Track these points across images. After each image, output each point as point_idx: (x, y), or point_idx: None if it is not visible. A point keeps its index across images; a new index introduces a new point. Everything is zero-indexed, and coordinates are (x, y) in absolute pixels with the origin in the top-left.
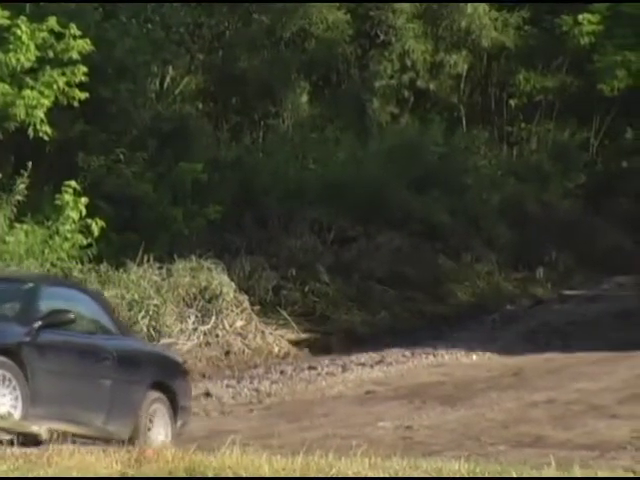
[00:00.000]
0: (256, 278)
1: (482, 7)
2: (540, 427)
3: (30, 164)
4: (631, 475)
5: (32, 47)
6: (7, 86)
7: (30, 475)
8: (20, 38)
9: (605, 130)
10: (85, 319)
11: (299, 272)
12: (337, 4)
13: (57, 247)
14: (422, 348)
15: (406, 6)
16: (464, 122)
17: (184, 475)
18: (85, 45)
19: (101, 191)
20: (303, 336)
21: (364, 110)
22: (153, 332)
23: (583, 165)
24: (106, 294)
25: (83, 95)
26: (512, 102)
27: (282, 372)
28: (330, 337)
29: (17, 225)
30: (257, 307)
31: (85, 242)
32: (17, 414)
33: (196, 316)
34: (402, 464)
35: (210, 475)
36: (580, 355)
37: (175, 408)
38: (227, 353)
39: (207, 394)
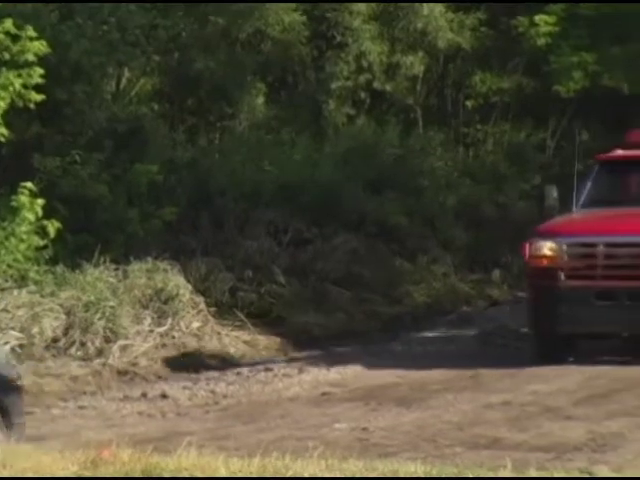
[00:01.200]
0: (212, 280)
1: (438, 9)
2: (496, 429)
3: None
4: (587, 476)
5: None
6: None
7: None
8: None
9: (561, 131)
10: None
11: (255, 274)
12: (293, 5)
13: (13, 248)
14: (378, 349)
15: (362, 7)
16: (420, 123)
17: (140, 476)
18: (41, 47)
19: (57, 192)
20: (259, 337)
21: (320, 112)
22: (109, 334)
23: (539, 166)
24: (62, 296)
25: (39, 97)
26: (468, 103)
27: (238, 373)
28: (286, 338)
29: None
30: (213, 308)
31: (41, 243)
32: None
33: (152, 317)
34: (358, 466)
35: (166, 476)
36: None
37: (8, 425)
38: (183, 354)
39: (163, 396)
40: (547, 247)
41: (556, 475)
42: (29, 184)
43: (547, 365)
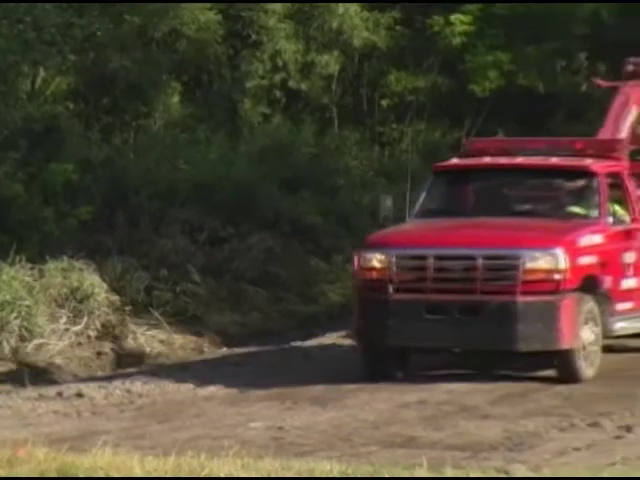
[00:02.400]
0: (127, 279)
1: (353, 8)
2: (412, 428)
3: None
4: (503, 475)
5: None
6: None
7: None
8: None
9: (476, 131)
10: None
11: (171, 273)
12: (208, 5)
13: None
14: (293, 348)
15: (278, 6)
16: (336, 122)
17: (56, 475)
18: None
19: None
20: (175, 336)
21: (235, 110)
22: (25, 333)
23: None
24: None
25: None
26: (383, 102)
27: (153, 373)
28: (202, 337)
29: None
30: (129, 307)
31: None
32: None
33: (68, 316)
34: (274, 465)
35: (82, 476)
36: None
37: None
38: (99, 353)
39: (79, 395)
40: (376, 259)
41: (472, 474)
42: None
43: (376, 381)
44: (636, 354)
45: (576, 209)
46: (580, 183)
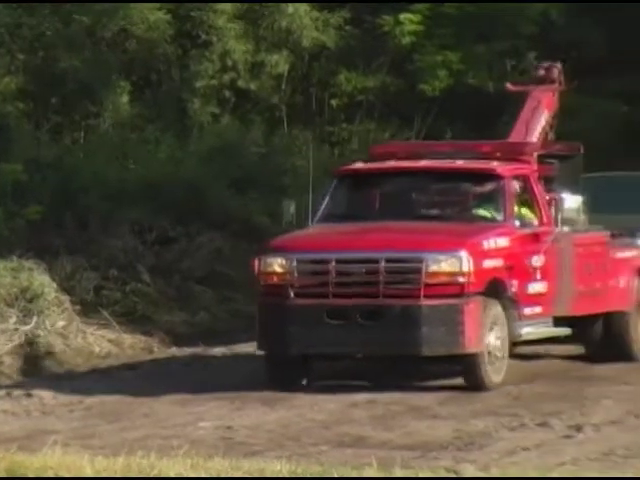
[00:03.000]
0: (77, 278)
1: (303, 7)
2: (361, 427)
3: None
4: (453, 475)
5: None
6: None
7: None
8: None
9: (426, 131)
10: None
11: (120, 272)
12: (158, 4)
13: None
14: (241, 348)
15: (227, 6)
16: (285, 122)
17: (5, 475)
18: None
19: None
20: (124, 336)
21: (185, 110)
22: None
23: None
24: None
25: None
26: (333, 102)
27: (103, 372)
28: (151, 337)
29: None
30: (78, 307)
31: None
32: None
33: (17, 316)
34: (224, 464)
35: (31, 476)
36: None
37: None
38: (48, 353)
39: (28, 394)
40: (277, 263)
41: (421, 474)
42: None
43: (279, 388)
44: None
45: (482, 212)
46: (486, 186)
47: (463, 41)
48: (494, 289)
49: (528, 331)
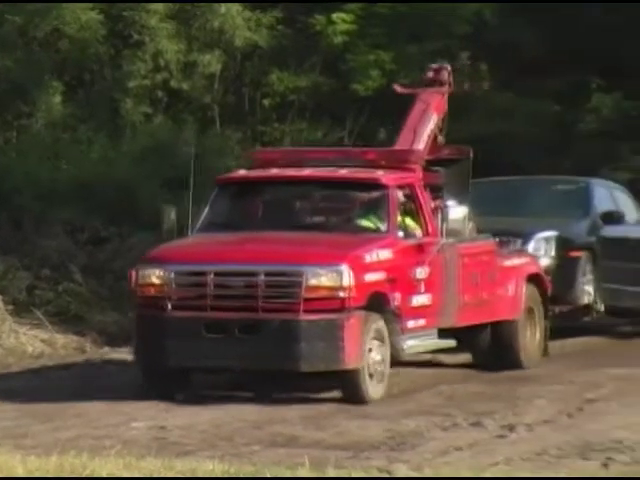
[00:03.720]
0: (10, 278)
1: (235, 7)
2: (293, 427)
3: None
4: (385, 475)
5: None
6: None
7: None
8: None
9: (358, 130)
10: None
11: (53, 272)
12: (90, 4)
13: None
14: None
15: (159, 6)
16: (217, 122)
17: None
18: None
19: None
20: (57, 336)
21: (117, 110)
22: None
23: None
24: None
25: None
26: (265, 102)
27: (35, 372)
28: (84, 337)
29: None
30: (11, 307)
31: None
32: None
33: None
34: (156, 464)
35: None
36: None
37: None
38: None
39: None
40: (154, 275)
41: (354, 474)
42: None
43: (157, 400)
44: None
45: (365, 223)
46: (370, 196)
47: (395, 41)
48: (376, 303)
49: (412, 344)
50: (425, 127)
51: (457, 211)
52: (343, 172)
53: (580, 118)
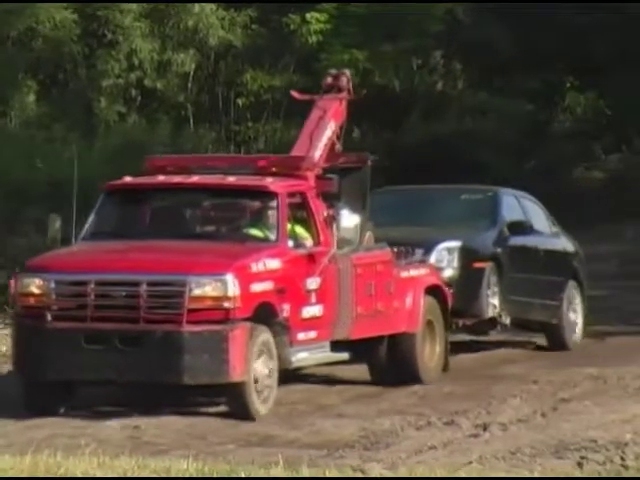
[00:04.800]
0: None
1: (209, 6)
2: (268, 426)
3: None
4: (360, 474)
5: None
6: None
7: None
8: None
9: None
10: None
11: None
12: (64, 4)
13: None
14: None
15: (133, 6)
16: (191, 121)
17: None
18: None
19: None
20: None
21: (91, 109)
22: None
23: None
24: None
25: None
26: (239, 101)
27: (10, 371)
28: None
29: None
30: None
31: None
32: None
33: None
34: (130, 463)
35: None
36: None
37: None
38: None
39: None
40: (34, 284)
41: (328, 473)
42: None
43: (38, 415)
44: (490, 352)
45: (254, 231)
46: (259, 204)
47: (370, 40)
48: (263, 314)
49: (302, 357)
50: (322, 134)
51: (349, 220)
52: (231, 179)
53: (554, 117)
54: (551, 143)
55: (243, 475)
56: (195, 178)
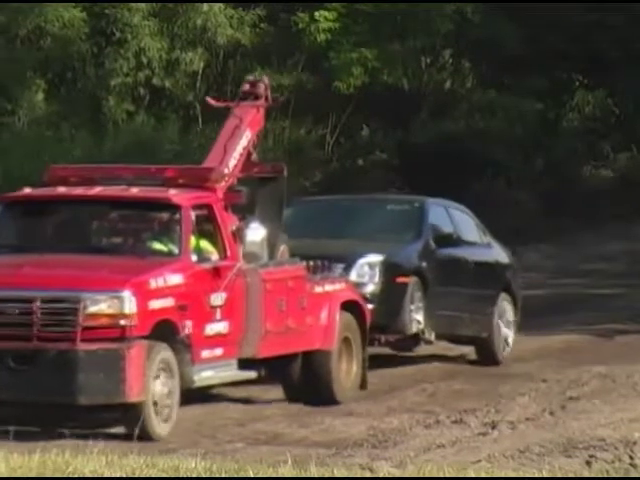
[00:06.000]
0: None
1: (218, 5)
2: (276, 425)
3: None
4: (368, 472)
5: None
6: None
7: None
8: None
9: (341, 128)
10: None
11: None
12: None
13: None
14: None
15: (142, 4)
16: (200, 120)
17: None
18: None
19: None
20: None
21: (99, 108)
22: None
23: (319, 163)
24: None
25: None
26: None
27: None
28: None
29: None
30: None
31: None
32: None
33: None
34: (139, 462)
35: None
36: None
37: None
38: None
39: None
40: None
41: (336, 471)
42: None
43: None
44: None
45: (157, 245)
46: (162, 216)
47: (379, 38)
48: (163, 332)
49: (207, 376)
50: (237, 144)
51: (256, 234)
52: (134, 191)
53: (563, 116)
54: (560, 142)
55: (251, 474)
56: (97, 190)
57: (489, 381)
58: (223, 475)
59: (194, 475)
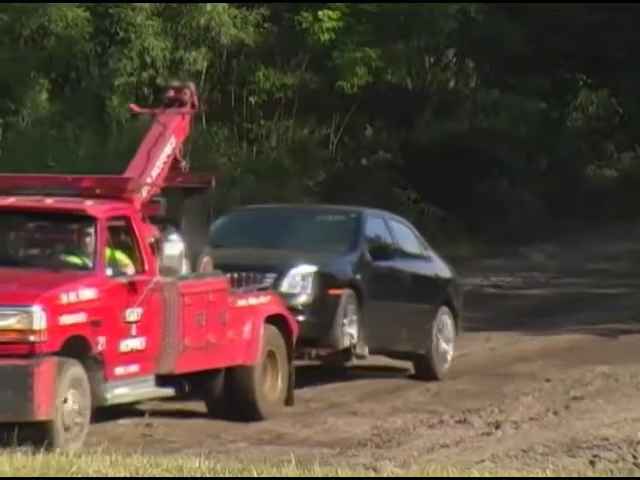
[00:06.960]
0: None
1: (221, 5)
2: (280, 424)
3: None
4: (372, 472)
5: None
6: None
7: None
8: None
9: (345, 127)
10: None
11: None
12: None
13: None
14: None
15: (145, 4)
16: (204, 119)
17: None
18: None
19: None
20: None
21: (103, 107)
22: None
23: (322, 162)
24: None
25: None
26: (252, 99)
27: None
28: None
29: None
30: None
31: None
32: None
33: None
34: (142, 461)
35: None
36: None
37: None
38: None
39: None
40: None
41: (340, 471)
42: None
43: None
44: (502, 351)
45: (71, 258)
46: (76, 228)
47: (382, 38)
48: (75, 348)
49: (121, 393)
50: (160, 152)
51: (174, 247)
52: (48, 202)
53: (566, 115)
54: (563, 141)
55: (255, 473)
56: (10, 200)
57: (493, 381)
58: (227, 475)
59: (198, 475)
